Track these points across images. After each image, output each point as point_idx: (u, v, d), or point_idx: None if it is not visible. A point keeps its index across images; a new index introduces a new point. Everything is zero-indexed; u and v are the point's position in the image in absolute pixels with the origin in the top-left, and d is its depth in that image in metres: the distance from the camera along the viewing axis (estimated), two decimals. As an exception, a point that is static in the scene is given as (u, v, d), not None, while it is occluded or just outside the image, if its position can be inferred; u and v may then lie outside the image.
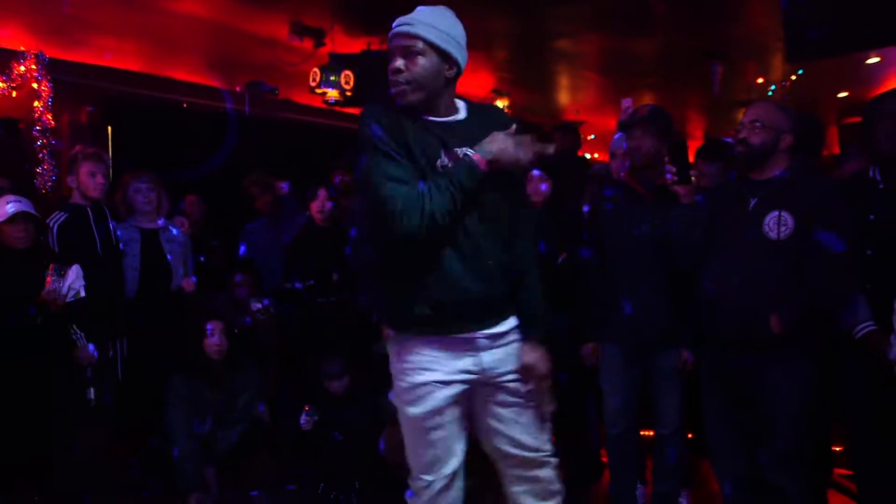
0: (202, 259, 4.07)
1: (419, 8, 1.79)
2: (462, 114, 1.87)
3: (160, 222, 3.70)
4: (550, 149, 1.84)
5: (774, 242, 2.32)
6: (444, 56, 1.77)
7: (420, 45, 1.74)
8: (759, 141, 2.39)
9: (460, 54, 1.80)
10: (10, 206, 3.06)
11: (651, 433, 2.90)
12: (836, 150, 8.62)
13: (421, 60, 1.75)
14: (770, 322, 2.30)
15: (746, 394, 2.42)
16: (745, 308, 2.34)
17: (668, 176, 2.54)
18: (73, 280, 3.09)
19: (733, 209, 2.44)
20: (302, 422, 3.41)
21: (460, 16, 1.88)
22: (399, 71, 1.76)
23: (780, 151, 2.40)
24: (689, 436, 3.00)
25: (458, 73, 1.82)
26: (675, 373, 2.75)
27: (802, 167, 2.43)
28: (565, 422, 3.44)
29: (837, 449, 3.08)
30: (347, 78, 5.10)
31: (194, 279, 3.75)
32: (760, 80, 6.51)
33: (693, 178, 2.60)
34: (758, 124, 2.39)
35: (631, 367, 2.79)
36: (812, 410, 2.39)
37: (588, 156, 5.50)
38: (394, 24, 1.78)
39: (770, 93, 6.36)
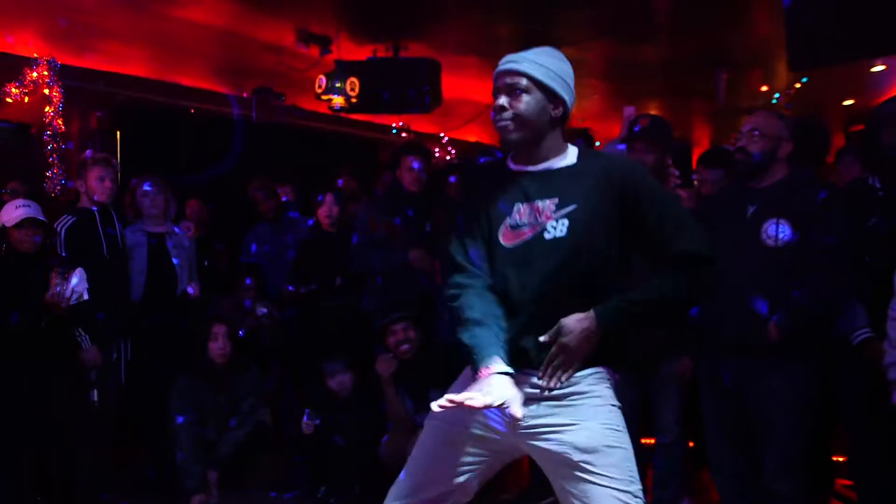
0: (206, 264, 4.11)
1: (531, 50, 1.74)
2: (565, 161, 1.73)
3: (167, 226, 3.74)
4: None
5: (772, 250, 2.33)
6: (550, 94, 1.69)
7: (524, 82, 1.68)
8: (758, 149, 2.41)
9: (567, 94, 1.72)
10: (18, 210, 3.11)
11: (652, 441, 2.91)
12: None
13: (525, 98, 1.68)
14: (768, 329, 2.31)
15: (746, 401, 2.43)
16: (743, 315, 2.35)
17: (672, 179, 2.55)
18: (77, 283, 3.12)
19: (732, 217, 2.45)
20: (303, 426, 3.43)
21: (466, 23, 1.87)
22: (503, 109, 1.69)
23: (779, 160, 2.42)
24: (690, 444, 3.00)
25: (565, 114, 1.73)
26: (675, 380, 2.75)
27: (801, 175, 2.44)
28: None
29: (840, 459, 3.08)
30: (353, 85, 5.14)
31: (197, 285, 3.78)
32: (765, 88, 6.51)
33: (696, 183, 2.62)
34: (756, 133, 2.41)
35: (632, 377, 2.79)
36: (812, 417, 2.40)
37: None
38: (500, 62, 1.73)
39: (774, 100, 6.36)
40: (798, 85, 6.05)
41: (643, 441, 2.96)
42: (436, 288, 3.47)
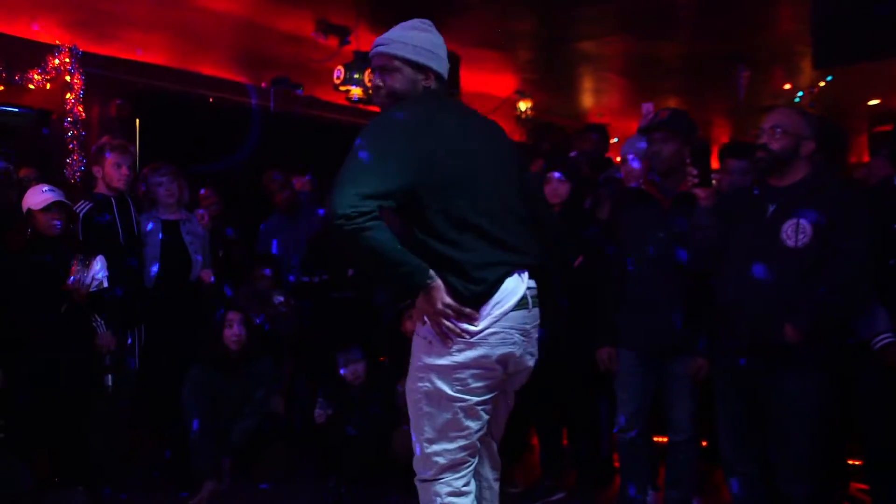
0: (220, 254, 4.12)
1: (397, 26, 1.95)
2: None
3: (181, 213, 3.77)
4: None
5: (792, 250, 2.29)
6: (419, 67, 1.92)
7: (395, 62, 1.91)
8: (779, 147, 2.37)
9: (435, 62, 1.94)
10: (45, 194, 3.15)
11: (665, 439, 2.89)
12: (866, 158, 8.46)
13: (397, 76, 1.92)
14: (785, 330, 2.28)
15: (761, 402, 2.40)
16: (760, 315, 2.32)
17: (690, 178, 2.52)
18: (98, 270, 3.15)
19: (751, 215, 2.41)
20: (315, 415, 3.44)
21: (486, 16, 1.93)
22: (378, 88, 1.94)
23: (801, 158, 2.38)
24: (703, 443, 2.98)
25: (439, 78, 1.96)
26: (689, 379, 2.73)
27: (823, 174, 2.40)
28: (577, 426, 3.44)
29: (855, 463, 3.04)
30: (371, 76, 5.12)
31: (211, 272, 3.81)
32: (788, 86, 6.42)
33: (714, 182, 2.58)
34: (778, 130, 2.37)
35: (646, 373, 2.78)
36: (827, 420, 2.37)
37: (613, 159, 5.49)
38: (373, 44, 1.96)
39: (797, 99, 6.27)
40: (822, 83, 5.96)
41: (656, 439, 2.95)
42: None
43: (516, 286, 1.84)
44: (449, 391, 1.82)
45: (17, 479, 2.96)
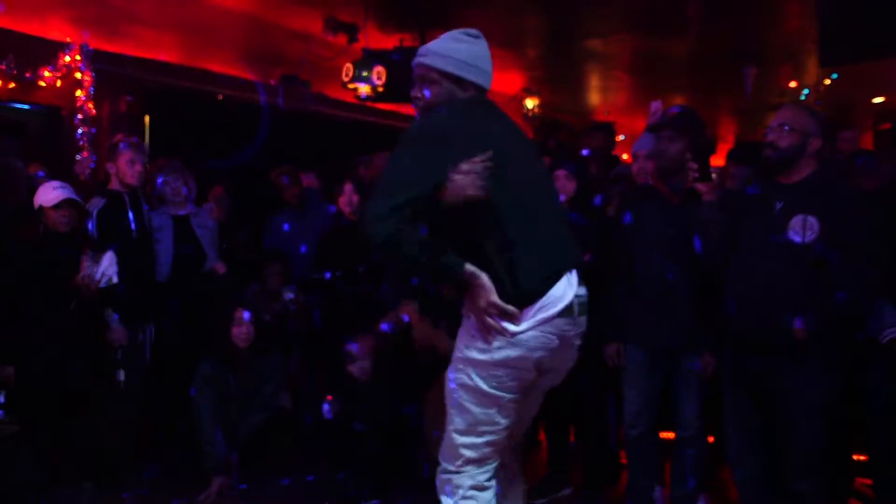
0: (225, 246, 4.15)
1: (444, 35, 1.97)
2: None
3: (190, 208, 3.80)
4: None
5: (799, 246, 2.31)
6: (457, 80, 1.94)
7: (433, 74, 1.94)
8: (786, 144, 2.38)
9: (474, 75, 1.95)
10: (56, 191, 3.18)
11: (672, 436, 2.91)
12: (871, 156, 8.44)
13: (435, 89, 1.94)
14: (793, 327, 2.29)
15: (768, 398, 2.41)
16: (768, 312, 2.33)
17: (691, 173, 2.54)
18: (107, 266, 3.19)
19: (758, 212, 2.43)
20: (324, 411, 3.47)
21: (494, 14, 1.96)
22: (417, 99, 1.97)
23: (808, 155, 2.39)
24: (710, 440, 3.00)
25: (478, 90, 1.97)
26: (696, 376, 2.75)
27: (830, 171, 2.41)
28: (585, 422, 3.46)
29: (860, 458, 3.05)
30: (380, 74, 5.15)
31: (223, 264, 3.84)
32: (794, 84, 6.41)
33: (714, 176, 2.60)
34: (786, 128, 2.38)
35: (653, 370, 2.79)
36: (834, 416, 2.38)
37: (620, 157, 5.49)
38: (416, 54, 1.98)
39: (803, 96, 6.26)
40: (828, 81, 5.96)
41: (663, 435, 2.96)
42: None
43: (564, 293, 1.86)
44: (484, 387, 1.85)
45: (28, 474, 2.99)
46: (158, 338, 3.62)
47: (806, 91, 6.21)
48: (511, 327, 1.81)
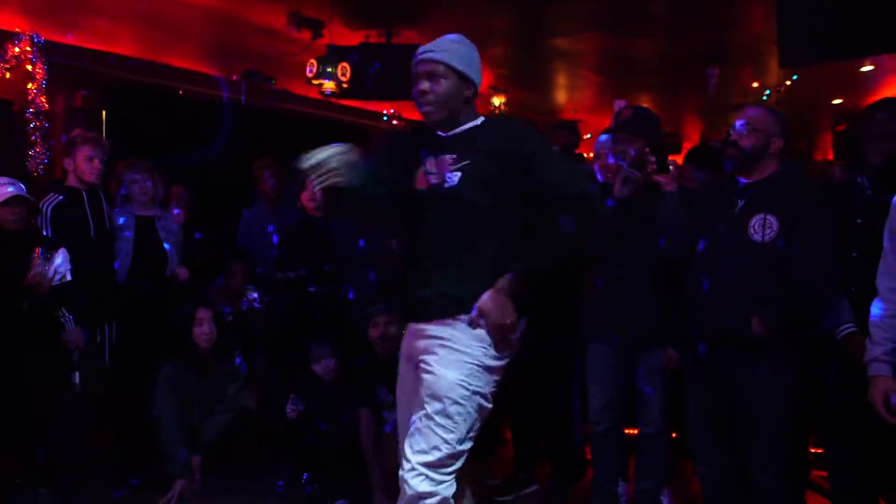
0: (188, 249, 4.06)
1: (443, 37, 2.04)
2: (470, 125, 2.05)
3: (156, 210, 3.71)
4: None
5: (759, 244, 2.34)
6: (463, 78, 2.01)
7: (442, 68, 1.98)
8: (749, 144, 2.42)
9: (476, 76, 2.05)
10: (4, 188, 3.07)
11: (635, 431, 2.93)
12: (830, 156, 8.67)
13: (444, 83, 1.98)
14: (752, 323, 2.32)
15: (729, 392, 2.44)
16: (729, 308, 2.36)
17: (649, 166, 2.57)
18: (60, 264, 3.09)
19: (720, 210, 2.46)
20: (287, 410, 3.42)
21: (459, 11, 2.00)
22: (425, 93, 1.99)
23: (770, 155, 2.43)
24: (673, 435, 3.03)
25: (475, 91, 2.05)
26: (659, 371, 2.77)
27: (791, 170, 2.45)
28: (550, 419, 3.48)
29: (816, 451, 3.12)
30: (344, 70, 5.10)
31: (185, 270, 3.76)
32: (756, 85, 6.55)
33: (671, 168, 2.64)
34: (749, 127, 2.41)
35: (617, 365, 2.81)
36: (795, 412, 2.42)
37: (585, 155, 5.54)
38: (418, 52, 2.03)
39: (765, 97, 6.39)
40: (788, 82, 6.09)
41: (627, 431, 2.99)
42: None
43: None
44: (488, 392, 1.94)
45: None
46: (119, 339, 3.52)
47: (768, 92, 6.34)
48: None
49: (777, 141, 2.42)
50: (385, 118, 7.18)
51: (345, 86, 5.10)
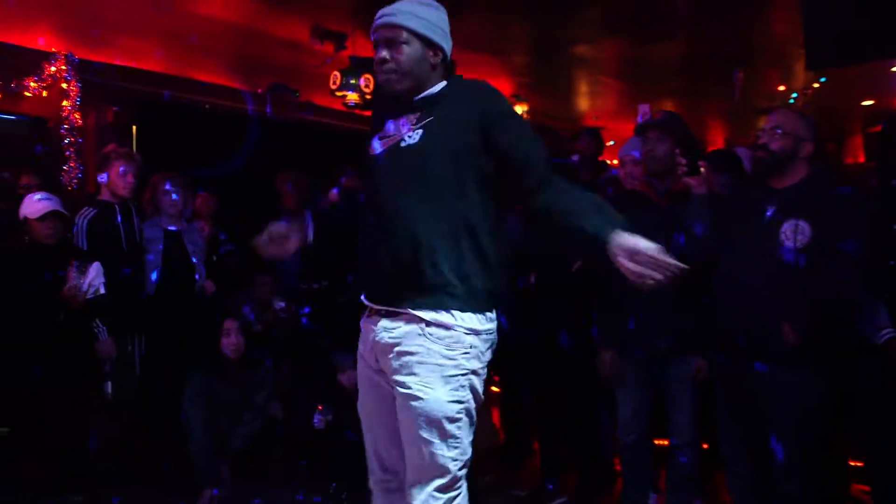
0: (214, 258, 4.12)
1: (404, 1, 1.81)
2: (435, 88, 1.82)
3: (183, 224, 3.78)
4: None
5: (791, 251, 2.30)
6: (428, 43, 1.79)
7: (404, 34, 1.77)
8: (778, 147, 2.38)
9: (444, 41, 1.81)
10: (41, 203, 3.15)
11: (666, 442, 2.89)
12: (861, 158, 8.51)
13: (406, 49, 1.77)
14: (783, 331, 2.29)
15: (759, 402, 2.41)
16: (759, 317, 2.33)
17: (679, 168, 2.55)
18: (94, 277, 3.16)
19: (749, 216, 2.43)
20: (315, 421, 3.44)
21: (481, 20, 1.93)
22: (385, 61, 1.78)
23: (800, 159, 2.39)
24: (704, 446, 2.98)
25: (445, 59, 1.83)
26: (688, 382, 2.73)
27: (822, 175, 2.41)
28: (578, 430, 3.45)
29: (857, 464, 3.04)
30: (367, 81, 5.14)
31: (211, 283, 3.81)
32: (782, 88, 6.45)
33: (703, 170, 2.61)
34: (778, 131, 2.38)
35: (646, 376, 2.78)
36: (822, 419, 2.37)
37: (608, 162, 5.51)
38: (376, 17, 1.80)
39: (791, 100, 6.30)
40: (816, 85, 6.00)
41: (657, 442, 2.95)
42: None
43: None
44: (479, 389, 1.78)
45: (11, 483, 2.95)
46: (148, 349, 3.58)
47: (794, 95, 6.25)
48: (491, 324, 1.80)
49: (807, 145, 2.38)
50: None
51: (368, 97, 5.14)
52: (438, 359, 1.72)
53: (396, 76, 1.78)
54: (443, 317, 1.72)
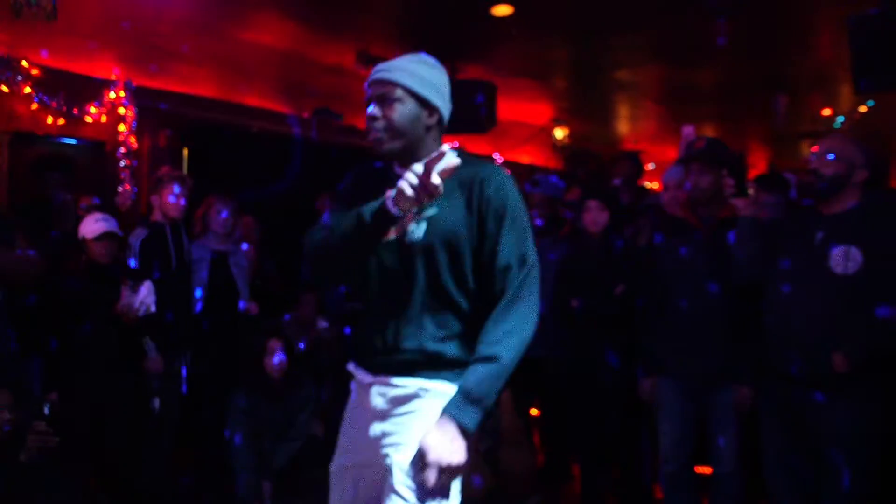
0: (259, 283, 4.21)
1: (403, 57, 1.72)
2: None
3: (229, 245, 3.88)
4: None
5: (841, 277, 2.28)
6: (423, 103, 1.68)
7: (397, 91, 1.66)
8: (831, 173, 2.36)
9: (441, 101, 1.70)
10: (97, 224, 3.28)
11: (709, 470, 2.85)
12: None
13: (398, 107, 1.66)
14: (834, 359, 2.25)
15: (808, 432, 2.36)
16: (808, 344, 2.29)
17: (727, 189, 2.53)
18: (145, 296, 3.26)
19: (798, 243, 2.40)
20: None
21: (521, 45, 1.88)
22: (374, 118, 1.67)
23: (853, 185, 2.37)
24: (749, 476, 2.93)
25: (441, 121, 1.72)
26: (733, 410, 2.70)
27: (874, 201, 2.38)
28: (618, 456, 3.41)
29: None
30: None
31: (255, 304, 3.90)
32: (827, 112, 6.35)
33: (751, 192, 2.59)
34: (831, 156, 2.36)
35: (687, 403, 2.75)
36: (877, 451, 2.31)
37: (647, 185, 5.48)
38: (372, 71, 1.72)
39: (837, 124, 6.19)
40: (864, 109, 5.88)
41: (698, 469, 2.91)
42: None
43: None
44: (473, 439, 1.63)
45: (62, 489, 3.02)
46: (193, 367, 3.67)
47: (840, 119, 6.14)
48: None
49: (861, 172, 2.36)
50: (448, 151, 7.28)
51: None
52: (430, 418, 1.64)
53: (387, 135, 1.66)
54: None
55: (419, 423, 1.63)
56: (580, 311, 3.27)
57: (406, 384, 1.67)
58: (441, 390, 1.64)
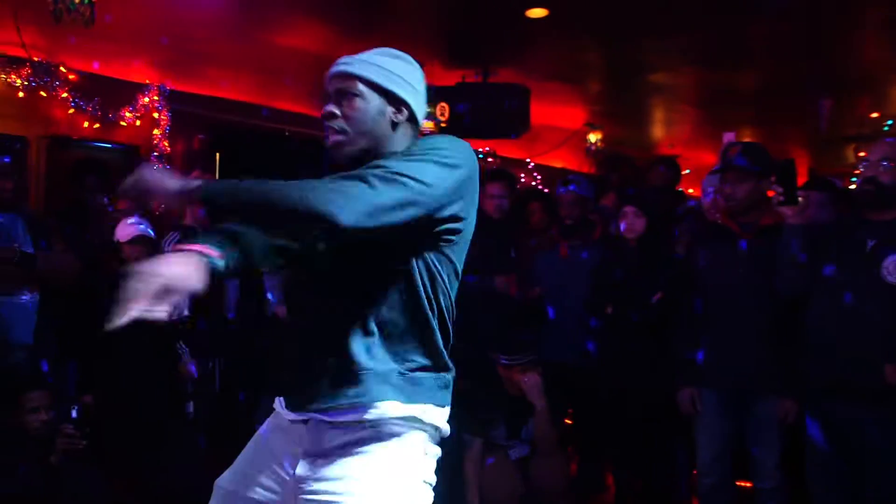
0: None
1: (367, 51, 1.52)
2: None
3: None
4: None
5: (893, 286, 2.19)
6: (390, 97, 1.46)
7: (359, 85, 1.45)
8: (889, 180, 2.28)
9: (410, 94, 1.48)
10: (131, 227, 3.31)
11: (749, 484, 2.75)
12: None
13: (359, 103, 1.45)
14: (886, 371, 2.16)
15: (855, 447, 2.28)
16: (856, 355, 2.21)
17: (776, 197, 2.45)
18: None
19: (848, 250, 2.32)
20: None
21: (555, 48, 1.82)
22: (333, 116, 1.46)
23: None
24: (791, 490, 2.82)
25: (413, 116, 1.50)
26: (774, 422, 2.60)
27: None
28: (654, 467, 3.33)
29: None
30: (443, 110, 5.21)
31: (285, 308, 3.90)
32: (875, 115, 6.15)
33: (801, 199, 2.49)
34: (887, 163, 2.29)
35: (727, 415, 2.68)
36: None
37: (684, 190, 5.36)
38: (332, 65, 1.51)
39: (886, 127, 5.99)
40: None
41: (739, 484, 2.82)
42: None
43: None
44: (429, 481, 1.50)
45: (93, 491, 3.04)
46: (224, 371, 3.69)
47: (890, 122, 5.94)
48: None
49: None
50: (480, 156, 7.26)
51: (443, 125, 5.21)
52: (380, 478, 1.45)
53: (346, 137, 1.45)
54: None
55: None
56: (615, 319, 3.20)
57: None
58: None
